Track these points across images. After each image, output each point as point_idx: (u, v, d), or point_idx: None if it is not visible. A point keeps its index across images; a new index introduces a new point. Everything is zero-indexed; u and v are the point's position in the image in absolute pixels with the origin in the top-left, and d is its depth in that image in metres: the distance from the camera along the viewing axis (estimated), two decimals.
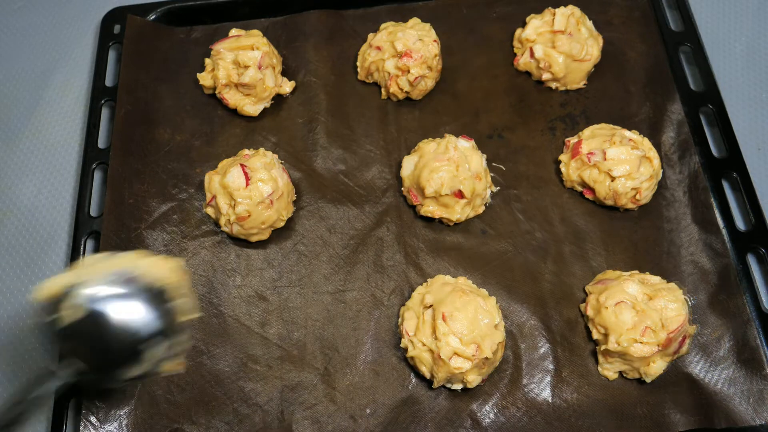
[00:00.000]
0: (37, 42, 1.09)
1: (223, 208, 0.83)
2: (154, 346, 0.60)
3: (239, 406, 0.78)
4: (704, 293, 0.82)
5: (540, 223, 0.87)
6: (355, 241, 0.87)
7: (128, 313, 0.58)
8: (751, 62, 1.00)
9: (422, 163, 0.84)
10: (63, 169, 0.98)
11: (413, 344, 0.76)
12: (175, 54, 1.01)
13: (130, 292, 0.59)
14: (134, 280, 0.59)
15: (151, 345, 0.60)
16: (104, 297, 0.58)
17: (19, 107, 1.04)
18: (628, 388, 0.78)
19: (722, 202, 0.86)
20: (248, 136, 0.95)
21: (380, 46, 0.93)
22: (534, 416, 0.76)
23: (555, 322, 0.81)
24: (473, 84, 0.97)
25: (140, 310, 0.59)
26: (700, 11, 1.03)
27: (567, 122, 0.94)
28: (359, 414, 0.77)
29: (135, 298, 0.59)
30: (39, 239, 0.93)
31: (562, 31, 0.92)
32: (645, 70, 0.96)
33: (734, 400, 0.76)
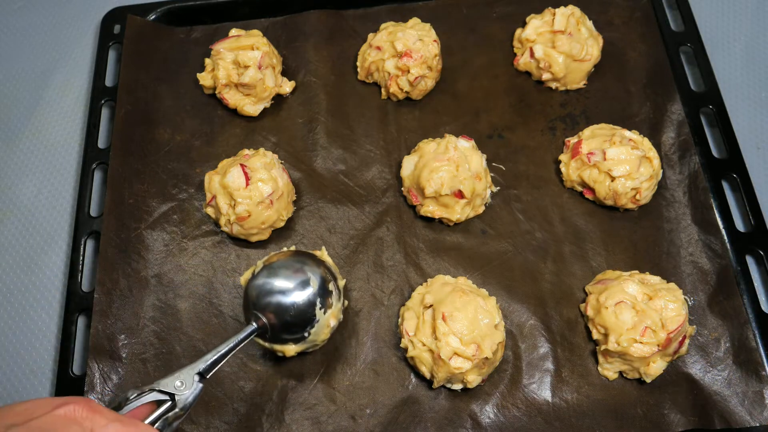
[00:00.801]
0: (37, 42, 1.09)
1: (223, 208, 0.83)
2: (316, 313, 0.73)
3: (239, 406, 0.78)
4: (703, 294, 0.82)
5: (540, 223, 0.87)
6: (355, 241, 0.87)
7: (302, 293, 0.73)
8: (751, 62, 1.00)
9: (422, 163, 0.84)
10: (63, 169, 0.98)
11: (413, 344, 0.76)
12: (175, 54, 1.01)
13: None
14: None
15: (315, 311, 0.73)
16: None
17: (19, 107, 1.04)
18: (627, 388, 0.78)
19: (722, 203, 0.86)
20: (248, 136, 0.95)
21: (380, 46, 0.93)
22: (534, 416, 0.76)
23: (555, 322, 0.81)
24: (473, 84, 0.97)
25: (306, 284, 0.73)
26: (700, 11, 1.03)
27: (567, 122, 0.94)
28: (359, 414, 0.77)
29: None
30: (39, 239, 0.93)
31: (562, 31, 0.92)
32: (645, 70, 0.96)
33: (732, 401, 0.76)
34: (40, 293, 0.90)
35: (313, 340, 0.74)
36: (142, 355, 0.81)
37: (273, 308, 0.72)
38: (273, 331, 0.72)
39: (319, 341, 0.74)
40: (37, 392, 0.83)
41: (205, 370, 0.64)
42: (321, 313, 0.73)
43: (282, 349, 0.73)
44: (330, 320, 0.74)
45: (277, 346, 0.73)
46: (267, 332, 0.72)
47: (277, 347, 0.73)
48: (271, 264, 0.74)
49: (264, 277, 0.73)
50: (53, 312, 0.88)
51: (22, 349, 0.86)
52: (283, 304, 0.72)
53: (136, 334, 0.82)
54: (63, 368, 0.81)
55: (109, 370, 0.80)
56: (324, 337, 0.74)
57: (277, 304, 0.72)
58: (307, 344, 0.74)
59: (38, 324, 0.88)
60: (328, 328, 0.74)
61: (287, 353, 0.73)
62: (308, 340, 0.73)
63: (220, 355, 0.66)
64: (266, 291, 0.72)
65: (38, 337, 0.87)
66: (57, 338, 0.86)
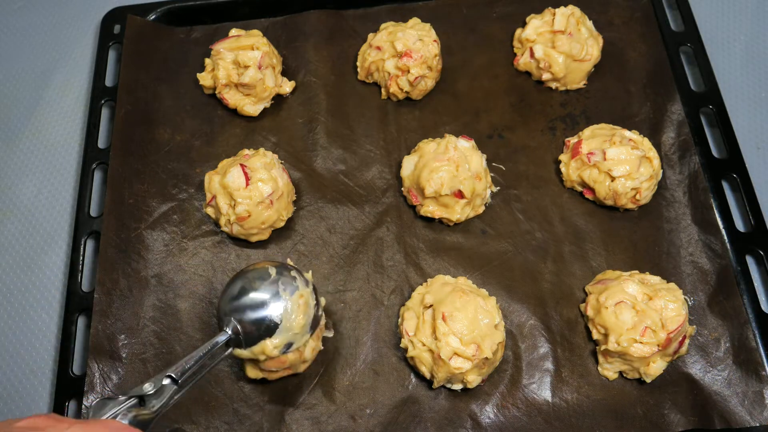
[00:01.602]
0: (37, 42, 1.09)
1: (223, 208, 0.83)
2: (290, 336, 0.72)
3: (239, 406, 0.78)
4: (703, 294, 0.82)
5: (540, 223, 0.87)
6: (355, 241, 0.87)
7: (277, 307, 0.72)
8: (751, 62, 1.00)
9: (422, 163, 0.84)
10: (63, 169, 0.98)
11: (413, 344, 0.76)
12: (175, 54, 1.01)
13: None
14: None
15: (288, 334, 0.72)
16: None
17: (19, 107, 1.04)
18: (627, 388, 0.78)
19: (722, 203, 0.86)
20: (248, 136, 0.95)
21: (380, 46, 0.93)
22: (534, 416, 0.76)
23: (555, 322, 0.81)
24: (473, 84, 0.97)
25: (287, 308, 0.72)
26: (700, 11, 1.03)
27: (567, 122, 0.94)
28: (359, 414, 0.77)
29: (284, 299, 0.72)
30: (39, 239, 0.93)
31: (562, 31, 0.92)
32: (645, 70, 0.96)
33: (731, 401, 0.76)
34: (40, 293, 0.90)
35: (288, 327, 0.71)
36: (142, 355, 0.81)
37: (240, 307, 0.71)
38: (246, 334, 0.70)
39: (296, 327, 0.71)
40: (37, 392, 0.83)
41: (178, 374, 0.64)
42: (287, 294, 0.71)
43: (262, 349, 0.71)
44: (298, 301, 0.72)
45: (256, 348, 0.71)
46: (241, 338, 0.70)
47: (257, 350, 0.71)
48: (236, 276, 0.75)
49: (230, 285, 0.73)
50: (53, 312, 0.88)
51: (22, 349, 0.86)
52: (247, 300, 0.71)
53: (136, 334, 0.82)
54: (63, 368, 0.81)
55: (109, 370, 0.80)
56: (301, 322, 0.72)
57: (243, 304, 0.71)
58: (283, 334, 0.71)
59: (38, 324, 0.88)
60: (301, 310, 0.72)
61: (267, 351, 0.71)
62: (283, 328, 0.71)
63: (192, 360, 0.65)
64: (232, 296, 0.72)
65: (38, 337, 0.87)
66: (57, 338, 0.86)
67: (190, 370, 0.65)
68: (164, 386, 0.63)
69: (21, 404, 0.83)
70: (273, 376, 0.77)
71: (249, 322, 0.71)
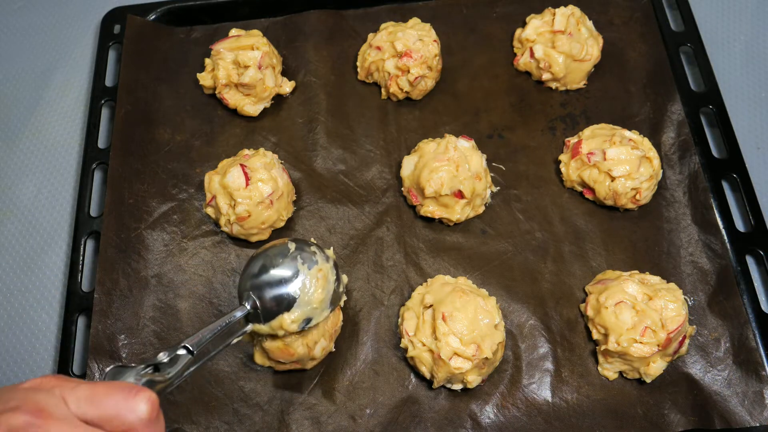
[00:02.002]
0: (37, 42, 1.09)
1: (223, 208, 0.83)
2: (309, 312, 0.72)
3: (239, 406, 0.78)
4: (703, 294, 0.82)
5: (540, 223, 0.87)
6: (355, 241, 0.87)
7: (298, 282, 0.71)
8: (751, 62, 1.00)
9: (422, 163, 0.84)
10: (63, 169, 0.98)
11: (413, 344, 0.76)
12: (175, 54, 1.01)
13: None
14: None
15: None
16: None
17: (19, 107, 1.04)
18: (627, 388, 0.78)
19: (722, 203, 0.86)
20: (248, 136, 0.95)
21: (380, 46, 0.93)
22: (534, 416, 0.76)
23: (555, 322, 0.81)
24: (473, 84, 0.97)
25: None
26: (700, 11, 1.03)
27: (567, 122, 0.94)
28: (359, 414, 0.77)
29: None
30: (39, 239, 0.93)
31: (562, 31, 0.92)
32: (645, 70, 0.96)
33: (731, 401, 0.76)
34: (40, 293, 0.90)
35: (307, 302, 0.71)
36: (142, 355, 0.81)
37: (259, 283, 0.71)
38: (265, 309, 0.70)
39: (315, 302, 0.71)
40: None
41: (194, 345, 0.62)
42: (305, 268, 0.71)
43: (280, 323, 0.70)
44: (317, 275, 0.71)
45: (275, 323, 0.70)
46: (260, 313, 0.70)
47: (275, 324, 0.70)
48: (256, 253, 0.75)
49: (251, 262, 0.73)
50: (53, 312, 0.88)
51: (22, 349, 0.86)
52: (266, 275, 0.71)
53: (136, 334, 0.82)
54: (63, 368, 0.81)
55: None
56: (320, 296, 0.71)
57: (262, 279, 0.71)
58: (301, 309, 0.71)
59: (38, 324, 0.88)
60: (319, 284, 0.71)
61: (285, 326, 0.70)
62: (301, 302, 0.70)
63: (209, 332, 0.65)
64: (253, 272, 0.72)
65: (38, 337, 0.87)
66: (57, 338, 0.86)
67: (206, 342, 0.64)
68: (179, 356, 0.61)
69: None
70: (279, 367, 0.77)
71: (267, 296, 0.70)
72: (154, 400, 0.51)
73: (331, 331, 0.77)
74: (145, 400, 0.50)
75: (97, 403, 0.48)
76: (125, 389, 0.50)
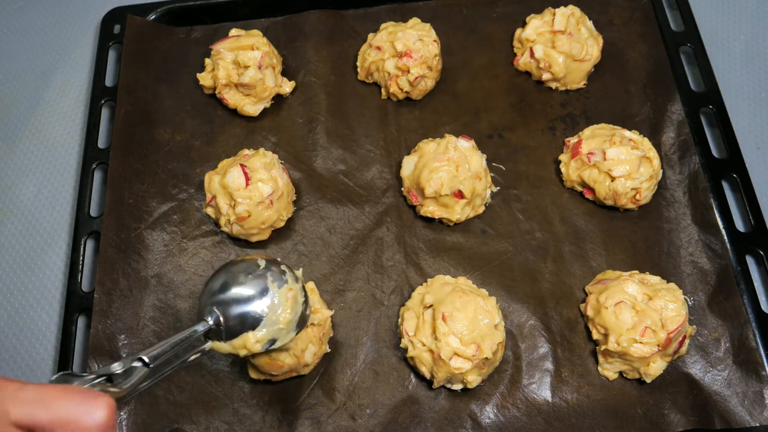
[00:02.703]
0: (37, 42, 1.09)
1: (223, 208, 0.83)
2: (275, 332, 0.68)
3: (239, 406, 0.78)
4: (703, 294, 0.82)
5: (540, 223, 0.87)
6: (355, 241, 0.87)
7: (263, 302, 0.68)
8: (751, 62, 1.00)
9: (422, 163, 0.84)
10: (63, 169, 0.98)
11: (413, 344, 0.76)
12: (175, 54, 1.01)
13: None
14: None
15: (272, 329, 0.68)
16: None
17: (19, 107, 1.04)
18: (627, 388, 0.78)
19: (722, 203, 0.86)
20: (248, 136, 0.95)
21: (380, 46, 0.93)
22: (534, 416, 0.76)
23: (555, 322, 0.81)
24: (473, 84, 0.97)
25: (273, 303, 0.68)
26: (700, 11, 1.03)
27: (567, 122, 0.94)
28: (359, 414, 0.77)
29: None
30: (39, 239, 0.93)
31: (562, 31, 0.92)
32: (645, 70, 0.96)
33: (731, 401, 0.76)
34: (40, 293, 0.90)
35: (274, 321, 0.67)
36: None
37: (224, 298, 0.67)
38: (228, 326, 0.66)
39: (282, 322, 0.67)
40: None
41: (150, 358, 0.59)
42: (275, 287, 0.67)
43: (243, 343, 0.66)
44: (286, 294, 0.68)
45: (237, 342, 0.66)
46: (222, 330, 0.66)
47: (237, 343, 0.66)
48: (222, 267, 0.71)
49: (216, 276, 0.69)
50: (53, 312, 0.88)
51: (22, 349, 0.86)
52: (232, 290, 0.67)
53: (136, 334, 0.82)
54: (63, 368, 0.81)
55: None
56: (287, 317, 0.67)
57: (227, 294, 0.67)
58: (267, 329, 0.67)
59: (38, 324, 0.88)
60: (288, 304, 0.68)
61: (248, 345, 0.66)
62: (267, 321, 0.66)
63: (167, 344, 0.61)
64: (217, 286, 0.67)
65: (38, 337, 0.87)
66: (57, 338, 0.86)
67: (164, 356, 0.60)
68: (134, 368, 0.58)
69: None
70: (276, 379, 0.77)
71: (232, 313, 0.66)
72: (112, 406, 0.48)
73: (320, 335, 0.77)
74: (104, 405, 0.47)
75: (48, 405, 0.46)
76: (82, 392, 0.47)
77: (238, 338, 0.66)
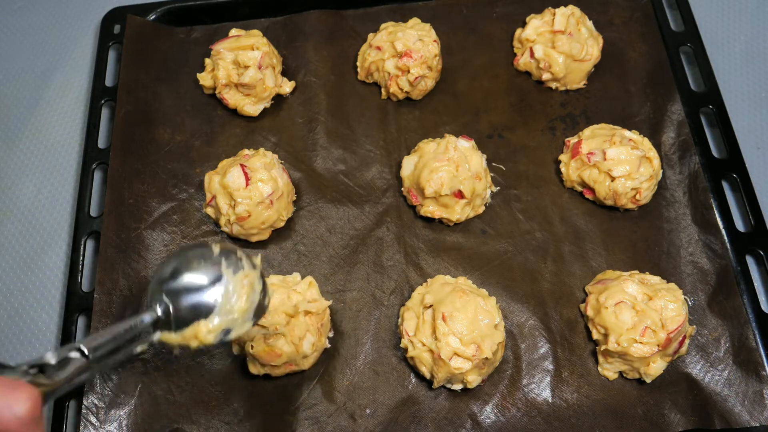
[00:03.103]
0: (37, 42, 1.09)
1: (223, 208, 0.83)
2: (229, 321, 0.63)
3: (239, 406, 0.78)
4: (703, 294, 0.82)
5: (540, 223, 0.87)
6: (355, 241, 0.87)
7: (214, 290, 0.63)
8: (751, 62, 1.00)
9: (422, 163, 0.84)
10: (63, 169, 0.98)
11: (413, 344, 0.76)
12: (175, 54, 1.01)
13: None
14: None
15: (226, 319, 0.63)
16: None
17: (19, 107, 1.04)
18: (627, 388, 0.78)
19: (722, 203, 0.86)
20: (248, 136, 0.95)
21: (380, 46, 0.93)
22: (534, 416, 0.76)
23: (555, 322, 0.81)
24: (473, 84, 0.97)
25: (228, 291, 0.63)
26: (700, 11, 1.03)
27: (567, 122, 0.94)
28: (359, 414, 0.77)
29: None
30: (39, 239, 0.93)
31: (562, 31, 0.92)
32: (645, 70, 0.96)
33: (731, 401, 0.76)
34: (40, 293, 0.90)
35: (228, 310, 0.62)
36: (142, 355, 0.81)
37: (175, 286, 0.62)
38: (178, 316, 0.61)
39: (237, 311, 0.63)
40: None
41: (89, 348, 0.54)
42: (230, 273, 0.63)
43: (194, 333, 0.61)
44: (242, 281, 0.63)
45: (188, 331, 0.61)
46: (171, 320, 0.61)
47: (188, 333, 0.61)
48: (174, 253, 0.66)
49: (166, 262, 0.64)
50: (53, 312, 0.88)
51: (22, 349, 0.86)
52: (184, 277, 0.62)
53: None
54: None
55: (109, 370, 0.79)
56: (243, 306, 0.63)
57: (178, 281, 0.62)
58: (221, 317, 0.62)
59: (38, 324, 0.88)
60: (244, 292, 0.63)
61: (200, 336, 0.61)
62: (221, 310, 0.62)
63: (108, 334, 0.57)
64: (167, 273, 0.62)
65: (38, 337, 0.87)
66: (57, 338, 0.86)
67: (105, 347, 0.56)
68: (70, 359, 0.53)
69: None
70: (275, 372, 0.77)
71: (183, 301, 0.61)
72: (36, 398, 0.45)
73: (318, 325, 0.76)
74: (26, 398, 0.44)
75: None
76: (3, 383, 0.44)
77: (189, 328, 0.62)
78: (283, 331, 0.73)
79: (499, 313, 0.77)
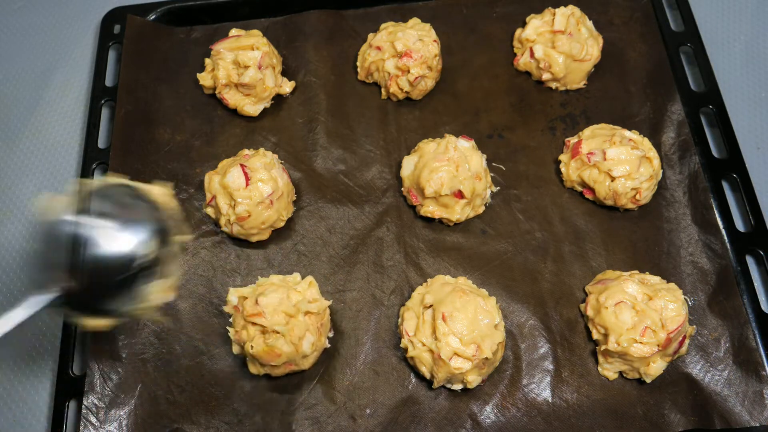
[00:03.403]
0: (37, 42, 1.09)
1: (223, 208, 0.83)
2: (146, 275, 0.59)
3: (239, 406, 0.78)
4: (703, 294, 0.82)
5: (540, 223, 0.87)
6: (355, 241, 0.87)
7: (122, 236, 0.57)
8: (751, 62, 1.00)
9: (422, 163, 0.84)
10: (63, 169, 0.98)
11: (413, 344, 0.76)
12: (175, 54, 1.01)
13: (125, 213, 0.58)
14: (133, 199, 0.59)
15: (143, 272, 0.58)
16: (100, 218, 0.57)
17: (19, 107, 1.04)
18: (627, 388, 0.78)
19: (722, 203, 0.86)
20: (248, 136, 0.95)
21: (380, 46, 0.93)
22: (534, 416, 0.76)
23: (555, 322, 0.81)
24: (473, 84, 0.97)
25: (134, 231, 0.57)
26: (700, 11, 1.03)
27: (567, 122, 0.94)
28: (359, 414, 0.77)
29: (130, 222, 0.57)
30: None
31: (562, 31, 0.92)
32: (645, 70, 0.96)
33: (732, 401, 0.76)
34: None
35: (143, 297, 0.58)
36: (142, 355, 0.81)
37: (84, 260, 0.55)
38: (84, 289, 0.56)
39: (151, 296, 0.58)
40: (37, 392, 0.83)
41: None
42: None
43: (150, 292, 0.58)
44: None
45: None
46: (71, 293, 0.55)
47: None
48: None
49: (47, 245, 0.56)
50: None
51: (21, 349, 0.86)
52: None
53: (136, 334, 0.82)
54: (63, 368, 0.81)
55: (109, 370, 0.80)
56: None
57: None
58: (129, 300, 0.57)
59: (38, 324, 0.87)
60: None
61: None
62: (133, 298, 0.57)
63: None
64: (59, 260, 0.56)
65: (38, 337, 0.87)
66: (57, 338, 0.86)
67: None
68: None
69: (21, 404, 0.83)
70: (275, 372, 0.77)
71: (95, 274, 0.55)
72: None
73: (318, 325, 0.77)
74: None
75: None
76: None
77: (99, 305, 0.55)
78: (283, 331, 0.73)
79: (499, 313, 0.77)
